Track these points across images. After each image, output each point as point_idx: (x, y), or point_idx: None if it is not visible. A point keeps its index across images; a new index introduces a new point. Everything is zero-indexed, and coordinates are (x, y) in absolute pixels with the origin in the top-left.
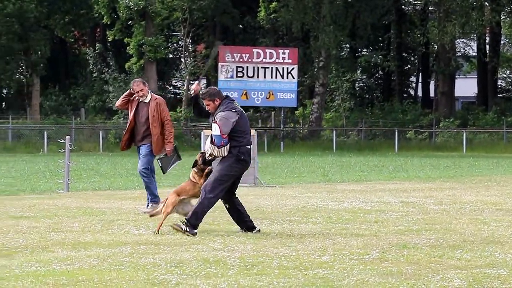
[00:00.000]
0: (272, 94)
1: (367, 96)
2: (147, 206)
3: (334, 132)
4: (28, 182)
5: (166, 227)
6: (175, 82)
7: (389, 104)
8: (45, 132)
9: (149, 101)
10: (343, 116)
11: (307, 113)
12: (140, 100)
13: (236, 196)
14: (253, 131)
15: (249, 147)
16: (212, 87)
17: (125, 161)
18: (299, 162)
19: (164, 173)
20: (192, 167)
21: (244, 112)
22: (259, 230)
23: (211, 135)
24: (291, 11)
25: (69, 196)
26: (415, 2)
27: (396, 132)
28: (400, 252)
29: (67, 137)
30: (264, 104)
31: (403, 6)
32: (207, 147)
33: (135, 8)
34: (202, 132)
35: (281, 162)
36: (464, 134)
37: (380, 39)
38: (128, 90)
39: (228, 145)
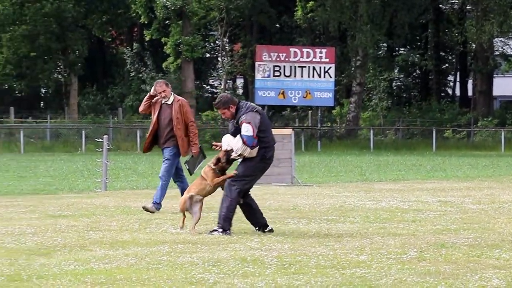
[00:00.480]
0: (309, 93)
1: (405, 95)
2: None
3: (371, 131)
4: (66, 181)
5: (204, 225)
6: (212, 82)
7: (427, 103)
8: (83, 132)
9: (172, 102)
10: (381, 115)
11: (344, 112)
12: (163, 102)
13: (249, 193)
14: (290, 130)
15: (273, 145)
16: (223, 94)
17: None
18: (336, 161)
19: (191, 174)
20: (215, 164)
21: (263, 111)
22: (271, 229)
23: (241, 135)
24: (328, 10)
25: (107, 195)
26: (453, 1)
27: (434, 131)
28: (438, 251)
29: (104, 136)
30: (301, 103)
31: (440, 5)
32: (236, 147)
33: (172, 8)
34: None
35: (318, 161)
36: (503, 133)
37: (418, 38)
38: (149, 93)
39: (256, 148)
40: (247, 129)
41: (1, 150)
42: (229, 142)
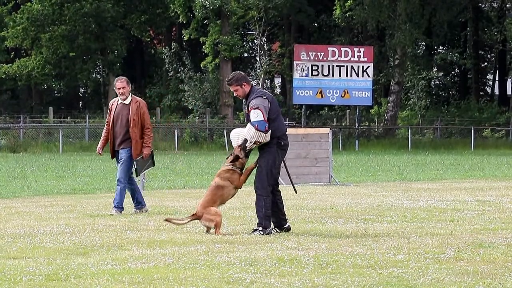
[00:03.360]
0: (347, 93)
1: (443, 94)
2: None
3: (409, 130)
4: (104, 181)
5: (241, 225)
6: (251, 81)
7: (465, 102)
8: None
9: (130, 102)
10: (419, 115)
11: (382, 111)
12: (119, 102)
13: (278, 190)
14: (327, 130)
15: (284, 131)
16: (237, 72)
17: (200, 159)
18: (374, 160)
19: (137, 175)
20: (231, 162)
21: (274, 97)
22: (289, 227)
23: (251, 122)
24: (366, 9)
25: (144, 195)
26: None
27: (472, 131)
28: (476, 251)
29: None
30: (339, 103)
31: (479, 4)
32: (250, 135)
33: (211, 7)
34: None
35: (356, 161)
36: None
37: (457, 36)
38: (104, 136)
39: (269, 132)
40: (256, 115)
41: (40, 150)
42: (239, 134)
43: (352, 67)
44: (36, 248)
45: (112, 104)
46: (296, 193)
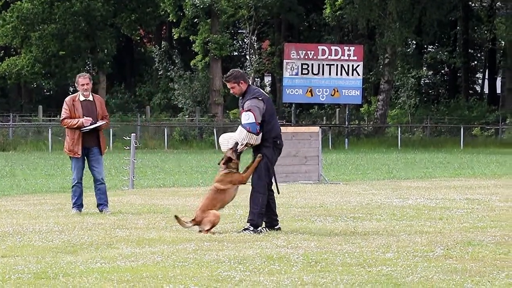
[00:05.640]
0: (337, 91)
1: (433, 92)
2: (106, 209)
3: (399, 129)
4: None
5: (230, 223)
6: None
7: (455, 100)
8: (111, 130)
9: (93, 99)
10: (408, 113)
11: (372, 110)
12: (82, 99)
13: (271, 190)
14: (317, 128)
15: (279, 132)
16: (236, 69)
17: (189, 158)
18: (364, 159)
19: None
20: (224, 163)
21: (269, 98)
22: (279, 228)
23: (242, 124)
24: (356, 8)
25: (134, 193)
26: None
27: (462, 129)
28: (465, 249)
29: (132, 134)
30: (329, 101)
31: (470, 2)
32: (241, 137)
33: (201, 6)
34: None
35: (345, 159)
36: None
37: (447, 35)
38: (78, 121)
39: (261, 134)
40: (248, 117)
41: (30, 148)
42: (228, 139)
43: (342, 65)
44: (25, 246)
45: (74, 101)
46: (278, 193)
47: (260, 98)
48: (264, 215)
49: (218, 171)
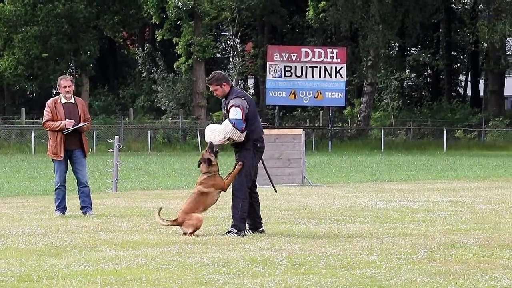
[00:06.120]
0: (320, 94)
1: (416, 95)
2: (90, 212)
3: (382, 131)
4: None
5: (214, 226)
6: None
7: (438, 103)
8: (94, 132)
9: (75, 101)
10: (392, 115)
11: (355, 112)
12: (64, 101)
13: (255, 192)
14: (300, 131)
15: (261, 134)
16: (218, 71)
17: (173, 160)
18: (347, 161)
19: None
20: (208, 166)
21: (252, 99)
22: (263, 231)
23: (229, 119)
24: (339, 10)
25: (117, 196)
26: (465, 1)
27: (445, 131)
28: (449, 251)
29: (115, 137)
30: (312, 104)
31: (452, 5)
32: (225, 131)
33: (184, 8)
34: None
35: (329, 162)
36: None
37: (429, 37)
38: (60, 124)
39: (245, 132)
40: (236, 113)
41: (12, 151)
42: (213, 130)
43: (325, 68)
44: (8, 249)
45: (56, 104)
46: (276, 192)
47: (244, 98)
48: (246, 219)
49: (200, 175)
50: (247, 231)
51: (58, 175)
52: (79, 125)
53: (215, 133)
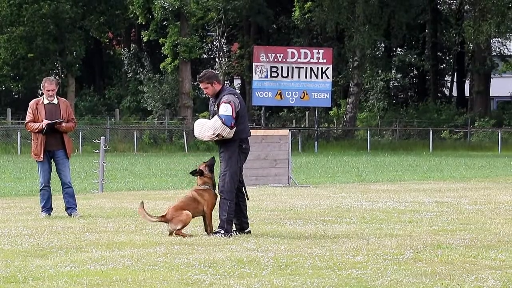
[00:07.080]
0: (307, 94)
1: (402, 95)
2: (75, 212)
3: (368, 132)
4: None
5: (201, 227)
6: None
7: (424, 103)
8: (80, 133)
9: (58, 102)
10: (377, 116)
11: (341, 113)
12: (46, 102)
13: (242, 192)
14: (287, 131)
15: (248, 135)
16: (209, 70)
17: (159, 161)
18: (333, 162)
19: None
20: (193, 174)
21: (243, 100)
22: (249, 231)
23: (219, 115)
24: (325, 11)
25: (103, 197)
26: (451, 2)
27: (431, 132)
28: (434, 252)
29: (101, 137)
30: (298, 104)
31: (438, 6)
32: (214, 127)
33: (170, 9)
34: None
35: (315, 162)
36: (499, 133)
37: (415, 38)
38: (39, 125)
39: (234, 129)
40: (226, 109)
41: None
42: (203, 125)
43: (311, 68)
44: None
45: (37, 105)
46: (247, 199)
47: (236, 96)
48: (232, 221)
49: (196, 181)
50: (234, 231)
51: (41, 176)
52: (54, 121)
53: (205, 128)
